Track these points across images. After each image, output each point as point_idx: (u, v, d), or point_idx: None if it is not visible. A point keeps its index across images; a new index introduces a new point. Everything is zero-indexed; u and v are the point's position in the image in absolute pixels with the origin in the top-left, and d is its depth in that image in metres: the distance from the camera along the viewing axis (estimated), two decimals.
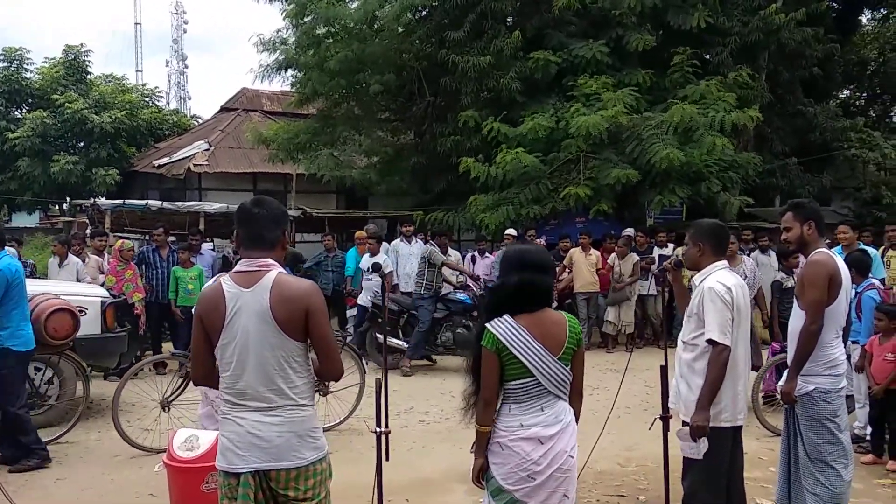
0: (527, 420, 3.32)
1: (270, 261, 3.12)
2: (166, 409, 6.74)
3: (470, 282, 11.04)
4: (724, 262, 4.26)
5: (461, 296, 10.71)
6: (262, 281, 3.05)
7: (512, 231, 12.49)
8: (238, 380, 3.06)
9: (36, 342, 6.35)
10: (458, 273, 11.24)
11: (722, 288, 4.07)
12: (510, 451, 3.31)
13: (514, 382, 3.33)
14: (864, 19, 23.25)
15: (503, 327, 3.32)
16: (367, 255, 11.53)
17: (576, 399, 3.48)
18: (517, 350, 3.28)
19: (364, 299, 11.32)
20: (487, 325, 3.36)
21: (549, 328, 3.36)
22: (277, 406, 3.05)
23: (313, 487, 3.08)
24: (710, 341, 4.02)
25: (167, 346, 10.49)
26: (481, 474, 3.42)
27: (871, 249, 8.05)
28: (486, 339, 3.34)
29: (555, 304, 3.52)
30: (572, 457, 3.38)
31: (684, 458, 4.24)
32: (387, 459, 4.34)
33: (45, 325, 6.75)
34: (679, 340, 4.33)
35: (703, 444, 4.03)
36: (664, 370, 4.80)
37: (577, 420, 3.48)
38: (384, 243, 13.00)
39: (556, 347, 3.34)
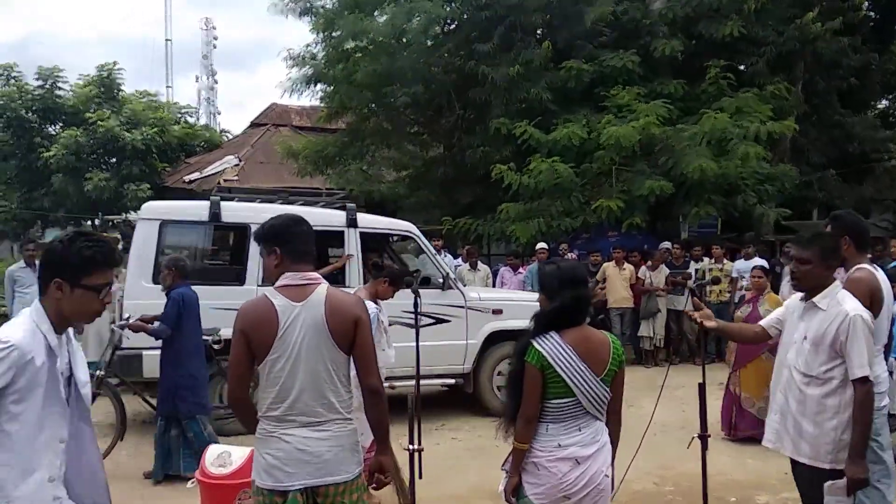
0: (564, 440, 3.27)
1: (316, 274, 3.17)
2: None
3: None
4: (839, 281, 3.92)
5: None
6: (314, 294, 3.10)
7: (543, 245, 12.36)
8: (287, 394, 3.06)
9: None
10: None
11: (868, 316, 3.71)
12: (546, 472, 3.26)
13: (554, 401, 3.28)
14: None
15: (549, 344, 3.27)
16: None
17: (613, 419, 3.44)
18: (561, 369, 3.24)
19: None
20: (533, 341, 3.30)
21: (593, 347, 3.32)
22: (326, 420, 3.07)
23: (357, 501, 3.10)
24: (861, 380, 3.60)
25: None
26: (514, 491, 3.35)
27: None
28: (531, 355, 3.29)
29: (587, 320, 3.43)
30: (607, 476, 3.34)
31: None
32: (419, 477, 4.32)
33: None
34: (794, 371, 3.85)
35: (852, 498, 3.67)
36: (702, 388, 4.74)
37: (616, 440, 3.44)
38: None
39: (599, 368, 3.29)
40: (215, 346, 7.39)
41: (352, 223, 8.38)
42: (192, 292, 6.66)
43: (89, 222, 25.86)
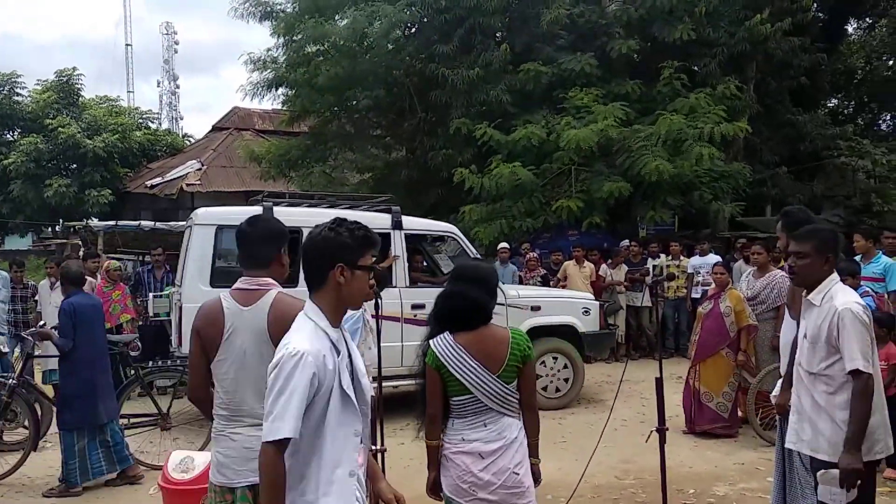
0: (469, 434, 3.39)
1: (270, 280, 3.19)
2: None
3: None
4: (838, 276, 3.80)
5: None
6: (261, 300, 3.12)
7: (505, 245, 12.49)
8: (234, 396, 3.12)
9: None
10: None
11: (859, 308, 3.58)
12: (453, 464, 3.40)
13: (455, 398, 3.39)
14: (850, 28, 23.44)
15: (442, 345, 3.38)
16: None
17: (528, 414, 3.49)
18: (454, 368, 3.34)
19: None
20: (430, 342, 3.42)
21: (488, 346, 3.38)
22: None
23: None
24: (854, 372, 3.49)
25: None
26: (435, 486, 3.51)
27: (887, 259, 7.58)
28: (428, 356, 3.41)
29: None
30: (517, 473, 3.37)
31: None
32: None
33: None
34: (802, 370, 3.77)
35: (853, 492, 3.46)
36: (659, 382, 4.81)
37: (533, 434, 3.49)
38: None
39: (494, 365, 3.35)
40: (133, 354, 7.52)
41: (397, 225, 8.56)
42: (87, 300, 6.40)
43: (50, 229, 25.52)
